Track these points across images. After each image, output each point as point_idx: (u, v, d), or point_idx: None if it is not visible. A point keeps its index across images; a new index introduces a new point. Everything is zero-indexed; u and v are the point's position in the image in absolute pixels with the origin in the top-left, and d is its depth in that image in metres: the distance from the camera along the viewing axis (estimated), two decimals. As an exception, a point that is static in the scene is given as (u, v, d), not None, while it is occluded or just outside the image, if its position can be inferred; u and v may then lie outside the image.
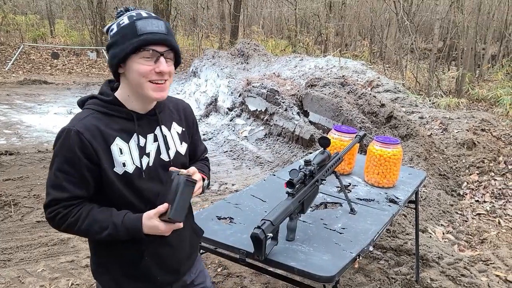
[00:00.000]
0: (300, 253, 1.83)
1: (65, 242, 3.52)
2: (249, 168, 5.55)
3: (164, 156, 1.49)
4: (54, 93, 9.49)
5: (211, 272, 3.14)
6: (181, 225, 1.41)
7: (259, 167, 5.58)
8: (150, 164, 1.45)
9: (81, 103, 1.45)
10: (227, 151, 6.17)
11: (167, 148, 1.51)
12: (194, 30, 17.36)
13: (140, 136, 1.43)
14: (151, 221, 1.37)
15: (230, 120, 7.11)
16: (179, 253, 1.60)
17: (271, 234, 1.66)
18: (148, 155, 1.45)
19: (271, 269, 1.90)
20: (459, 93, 10.36)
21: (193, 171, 1.45)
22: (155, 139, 1.48)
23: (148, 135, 1.45)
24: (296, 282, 2.02)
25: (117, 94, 1.44)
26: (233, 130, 6.79)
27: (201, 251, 2.07)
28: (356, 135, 2.63)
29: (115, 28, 1.37)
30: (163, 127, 1.51)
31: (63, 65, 12.78)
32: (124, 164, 1.39)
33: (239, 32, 16.82)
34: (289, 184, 1.81)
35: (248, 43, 10.59)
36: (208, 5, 19.34)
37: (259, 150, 6.05)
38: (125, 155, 1.39)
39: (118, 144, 1.38)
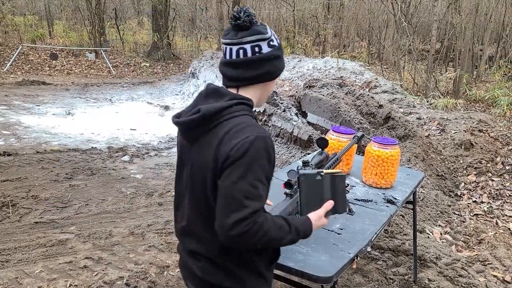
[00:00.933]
0: (298, 254, 1.84)
1: (63, 243, 3.52)
2: (248, 169, 5.56)
3: None
4: (53, 94, 9.49)
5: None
6: None
7: (258, 168, 5.58)
8: None
9: (220, 110, 1.37)
10: (225, 152, 6.17)
11: None
12: (192, 31, 17.36)
13: None
14: (321, 220, 1.51)
15: (229, 121, 7.10)
16: None
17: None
18: None
19: (269, 269, 1.90)
20: (457, 94, 10.38)
21: None
22: None
23: None
24: (294, 282, 2.02)
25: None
26: (232, 131, 6.78)
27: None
28: (354, 136, 2.63)
29: (275, 41, 1.47)
30: None
31: (62, 66, 12.77)
32: None
33: (237, 33, 16.80)
34: (287, 184, 1.81)
35: (247, 44, 10.58)
36: (206, 6, 19.34)
37: (257, 151, 6.04)
38: None
39: None
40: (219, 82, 7.20)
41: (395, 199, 2.59)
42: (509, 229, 3.99)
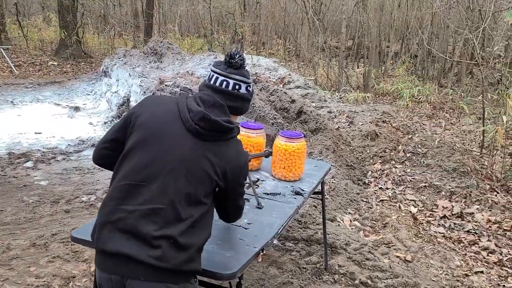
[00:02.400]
0: (203, 252, 1.80)
1: (-49, 263, 3.15)
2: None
3: None
4: None
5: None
6: None
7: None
8: None
9: (230, 130, 1.66)
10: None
11: None
12: (105, 28, 16.52)
13: None
14: None
15: (144, 121, 6.86)
16: None
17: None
18: None
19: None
20: (366, 88, 11.03)
21: None
22: None
23: None
24: (204, 282, 1.99)
25: None
26: (147, 131, 6.56)
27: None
28: (265, 150, 2.78)
29: (251, 89, 1.79)
30: None
31: (-46, 66, 11.50)
32: None
33: (154, 31, 16.33)
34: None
35: (161, 42, 10.32)
36: (120, 2, 18.50)
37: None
38: None
39: None
40: (132, 80, 6.85)
41: (303, 190, 2.66)
42: (410, 211, 4.31)
